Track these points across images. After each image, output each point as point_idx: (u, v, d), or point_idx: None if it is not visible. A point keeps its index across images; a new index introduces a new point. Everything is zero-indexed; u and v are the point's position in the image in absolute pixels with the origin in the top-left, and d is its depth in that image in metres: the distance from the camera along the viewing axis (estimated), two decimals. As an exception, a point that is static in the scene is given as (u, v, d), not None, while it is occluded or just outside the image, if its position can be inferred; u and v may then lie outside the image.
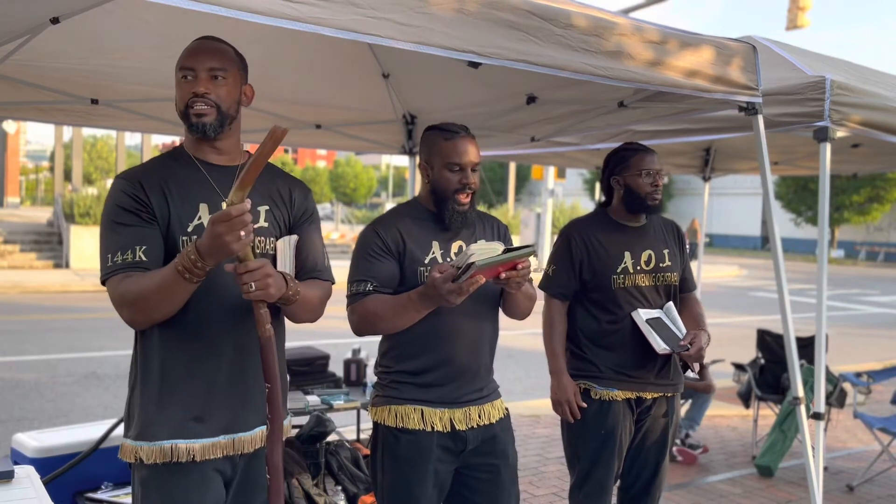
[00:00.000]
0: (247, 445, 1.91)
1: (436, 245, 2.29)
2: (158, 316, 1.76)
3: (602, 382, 2.79)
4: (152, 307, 1.73)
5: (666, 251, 2.88)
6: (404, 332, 2.22)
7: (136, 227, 1.80)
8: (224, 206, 1.79)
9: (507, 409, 2.45)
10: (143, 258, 1.78)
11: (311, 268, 1.98)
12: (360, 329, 2.24)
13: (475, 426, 2.31)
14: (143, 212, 1.81)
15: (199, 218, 1.85)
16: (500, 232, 2.46)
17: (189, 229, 1.83)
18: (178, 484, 1.83)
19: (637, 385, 2.80)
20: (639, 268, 2.81)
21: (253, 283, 1.66)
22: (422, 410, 2.25)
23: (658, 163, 2.82)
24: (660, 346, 2.70)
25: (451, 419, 2.27)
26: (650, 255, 2.84)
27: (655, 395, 2.83)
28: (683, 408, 5.29)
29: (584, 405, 2.80)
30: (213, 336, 1.85)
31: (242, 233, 1.60)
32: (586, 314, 2.86)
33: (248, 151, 2.03)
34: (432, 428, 2.24)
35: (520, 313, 2.39)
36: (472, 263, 1.94)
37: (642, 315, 2.77)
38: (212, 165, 1.91)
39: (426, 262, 2.25)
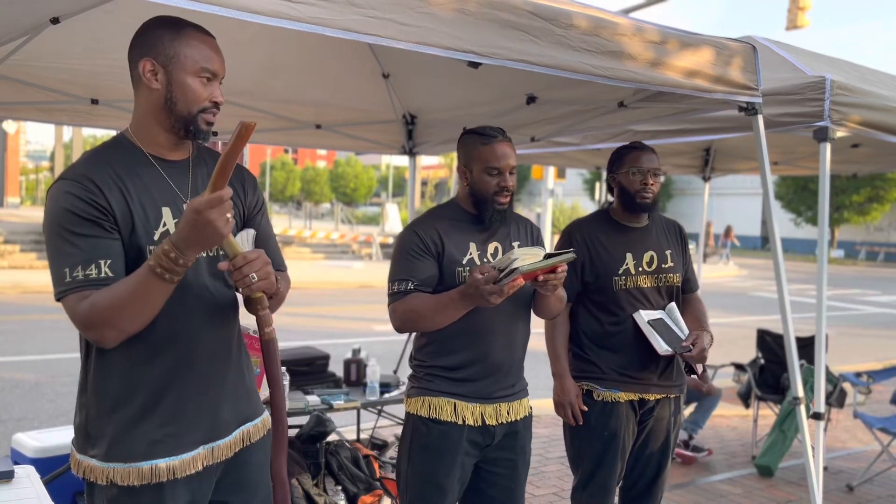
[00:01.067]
0: (225, 452, 1.82)
1: (473, 246, 2.36)
2: (134, 328, 1.60)
3: (605, 384, 2.79)
4: (128, 320, 1.57)
5: (668, 252, 2.87)
6: (442, 328, 2.28)
7: (98, 238, 1.60)
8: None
9: (531, 407, 2.51)
10: (109, 273, 1.59)
11: (271, 259, 1.85)
12: (401, 327, 2.31)
13: (503, 422, 2.38)
14: (104, 220, 1.61)
15: (164, 224, 1.69)
16: (533, 234, 2.53)
17: (155, 238, 1.67)
18: (153, 501, 1.71)
19: (640, 386, 2.79)
20: (641, 269, 2.81)
21: (255, 275, 1.57)
22: (455, 403, 2.32)
23: (655, 162, 2.79)
24: (661, 347, 2.70)
25: (482, 414, 2.34)
26: (652, 256, 2.83)
27: (658, 397, 2.82)
28: (688, 410, 5.28)
29: (586, 408, 2.79)
30: (183, 344, 1.72)
31: (229, 215, 1.51)
32: (588, 315, 2.85)
33: (200, 144, 1.86)
34: (463, 421, 2.31)
35: (550, 313, 2.48)
36: (517, 269, 2.01)
37: (644, 316, 2.76)
38: (165, 161, 1.75)
39: (464, 262, 2.32)
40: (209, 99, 1.70)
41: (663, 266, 2.84)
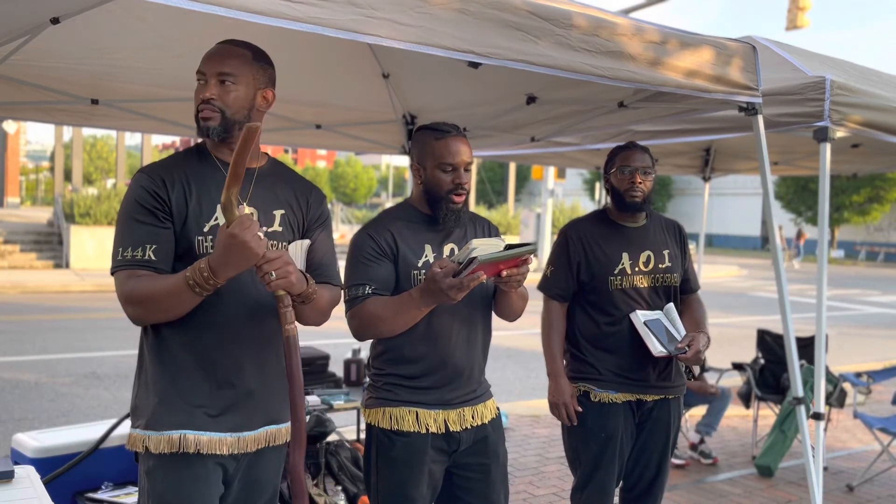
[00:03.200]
0: (250, 444, 1.94)
1: (428, 248, 2.28)
2: (163, 318, 1.81)
3: (602, 385, 2.78)
4: (157, 310, 1.79)
5: (666, 252, 2.86)
6: (398, 335, 2.21)
7: (151, 225, 1.83)
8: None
9: (498, 408, 2.45)
10: (153, 257, 1.82)
11: (321, 272, 2.01)
12: (361, 333, 2.22)
13: (468, 427, 2.31)
14: (160, 211, 1.84)
15: (216, 219, 1.88)
16: (491, 234, 2.44)
17: (205, 229, 1.87)
18: (183, 475, 1.86)
19: (638, 387, 2.79)
20: (637, 269, 2.80)
21: (273, 272, 1.71)
22: (416, 412, 2.24)
23: (644, 161, 2.78)
24: (656, 348, 2.69)
25: (445, 420, 2.27)
26: (649, 257, 2.83)
27: (657, 398, 2.82)
28: (700, 412, 5.27)
29: (580, 409, 2.79)
30: (227, 333, 1.88)
31: (260, 233, 1.67)
32: (585, 316, 2.84)
33: (266, 154, 2.06)
34: (427, 430, 2.24)
35: (513, 314, 2.38)
36: (475, 258, 1.93)
37: (640, 317, 2.75)
38: None
39: (419, 265, 2.24)
40: (200, 97, 1.90)
41: (660, 266, 2.83)
